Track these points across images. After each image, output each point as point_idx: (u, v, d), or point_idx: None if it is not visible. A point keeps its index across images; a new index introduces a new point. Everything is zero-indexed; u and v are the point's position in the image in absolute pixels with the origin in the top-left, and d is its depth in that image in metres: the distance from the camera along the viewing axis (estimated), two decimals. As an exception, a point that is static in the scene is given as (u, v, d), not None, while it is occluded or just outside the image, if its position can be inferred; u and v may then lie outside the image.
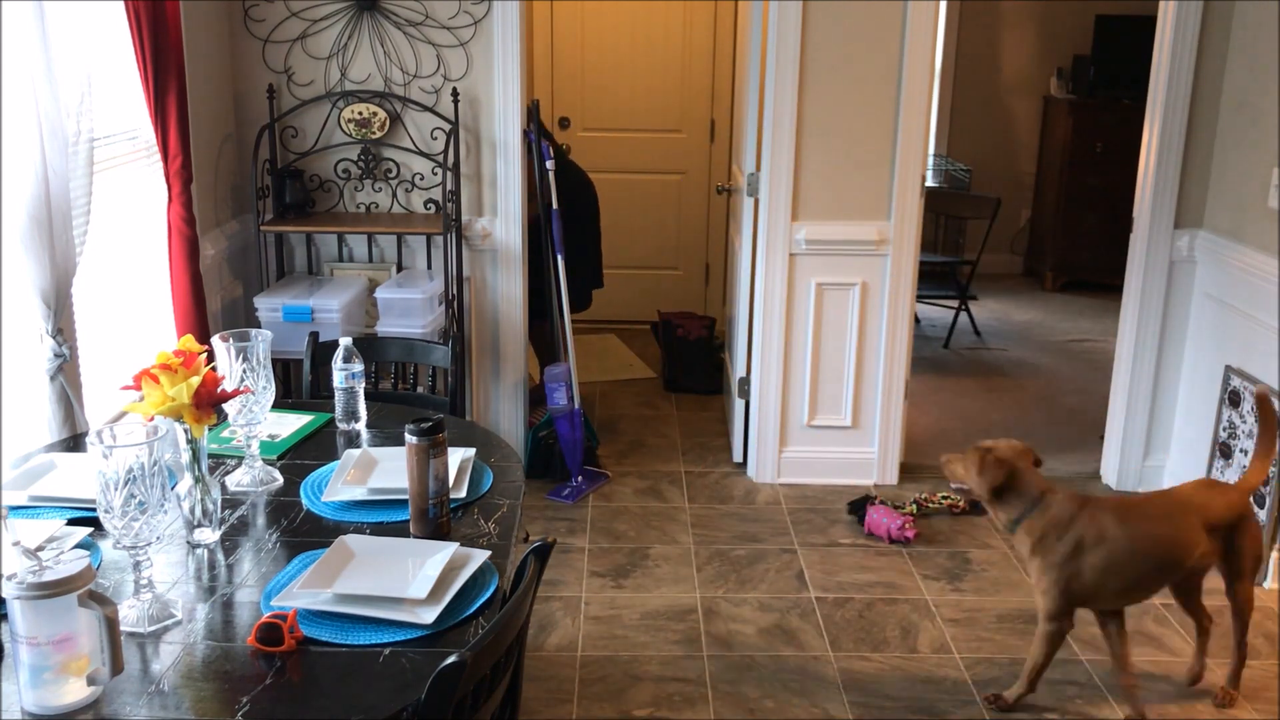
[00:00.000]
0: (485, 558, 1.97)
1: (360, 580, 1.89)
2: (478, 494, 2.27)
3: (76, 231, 2.67)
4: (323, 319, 3.69)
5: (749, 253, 4.29)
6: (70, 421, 2.67)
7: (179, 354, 2.01)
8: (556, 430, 4.19)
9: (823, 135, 4.04)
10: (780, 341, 4.21)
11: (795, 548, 3.83)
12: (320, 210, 4.08)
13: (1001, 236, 7.43)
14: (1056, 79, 7.30)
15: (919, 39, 3.94)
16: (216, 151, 3.84)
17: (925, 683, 3.08)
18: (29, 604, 1.52)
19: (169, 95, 3.17)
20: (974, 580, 3.64)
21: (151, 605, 1.79)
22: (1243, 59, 3.85)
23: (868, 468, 4.35)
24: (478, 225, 4.09)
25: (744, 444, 4.43)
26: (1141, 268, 4.13)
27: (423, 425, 2.03)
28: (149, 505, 1.74)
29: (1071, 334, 6.41)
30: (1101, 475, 4.42)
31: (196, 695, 1.62)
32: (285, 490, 2.30)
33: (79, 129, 2.67)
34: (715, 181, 6.05)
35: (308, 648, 1.73)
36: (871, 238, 4.11)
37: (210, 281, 3.63)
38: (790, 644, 3.25)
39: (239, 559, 2.02)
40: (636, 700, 2.99)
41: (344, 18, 3.93)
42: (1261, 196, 3.72)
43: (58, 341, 2.61)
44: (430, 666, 1.57)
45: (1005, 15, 7.34)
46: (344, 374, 2.58)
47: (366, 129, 3.98)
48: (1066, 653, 3.22)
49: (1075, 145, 7.05)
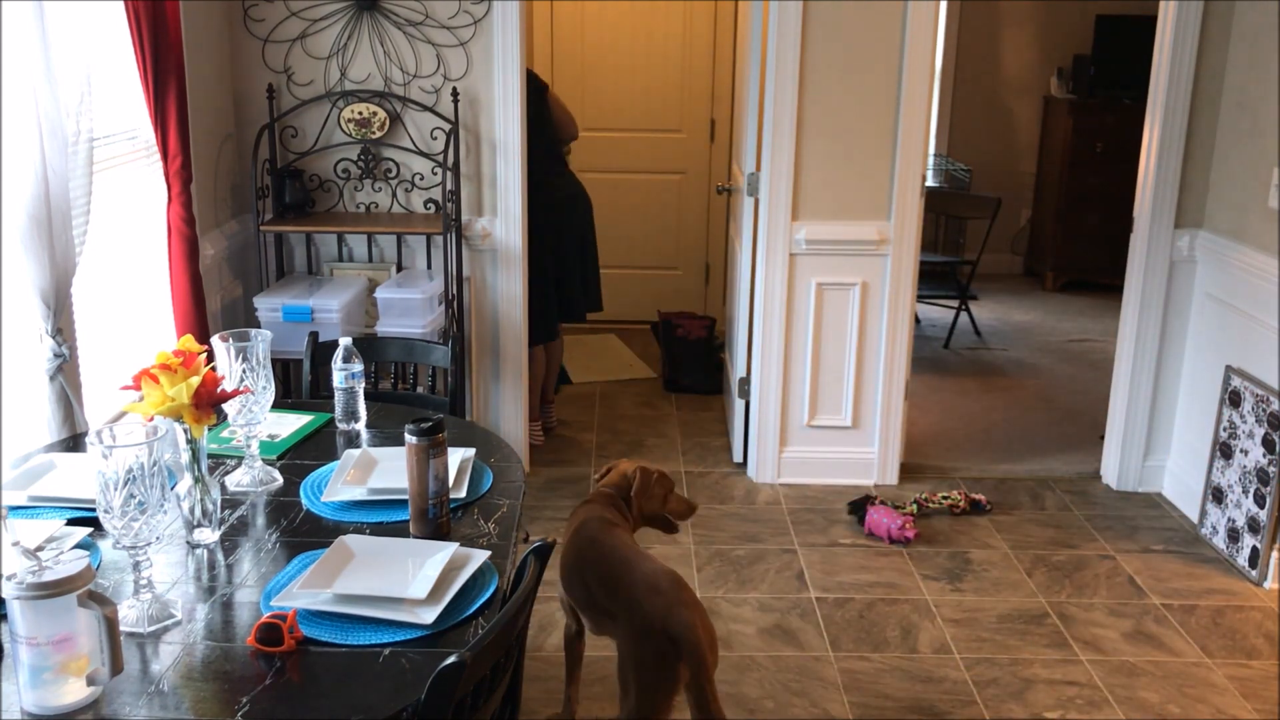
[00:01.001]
0: (485, 558, 1.97)
1: (360, 580, 1.89)
2: (478, 494, 2.27)
3: (76, 231, 2.67)
4: (322, 319, 3.69)
5: (749, 253, 4.29)
6: (70, 421, 2.66)
7: (179, 354, 2.01)
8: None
9: (823, 135, 4.04)
10: (780, 341, 4.21)
11: (795, 548, 3.83)
12: (320, 210, 4.08)
13: (1002, 236, 7.43)
14: (1056, 79, 7.30)
15: (919, 39, 3.94)
16: (216, 151, 3.84)
17: (925, 683, 3.08)
18: (29, 604, 1.51)
19: (169, 95, 3.17)
20: (974, 580, 3.63)
21: (151, 605, 1.79)
22: (1243, 59, 3.85)
23: (868, 468, 4.34)
24: (478, 225, 4.09)
25: (744, 444, 4.43)
26: (1142, 268, 4.13)
27: (423, 425, 2.03)
28: (149, 505, 1.73)
29: (1071, 334, 6.41)
30: (1101, 475, 4.42)
31: (196, 695, 1.62)
32: (285, 490, 2.29)
33: (79, 129, 2.67)
34: (715, 181, 6.05)
35: (307, 648, 1.73)
36: (872, 238, 4.11)
37: (210, 281, 3.63)
38: (790, 644, 3.25)
39: (239, 559, 2.02)
40: (636, 700, 2.99)
41: (344, 17, 3.93)
42: (1261, 196, 3.72)
43: (57, 341, 2.61)
44: (430, 666, 1.57)
45: (1005, 15, 7.34)
46: (344, 374, 2.58)
47: (366, 129, 3.98)
48: (1066, 653, 3.22)
49: (1075, 145, 7.05)
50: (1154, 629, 3.37)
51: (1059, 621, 3.39)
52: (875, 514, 3.91)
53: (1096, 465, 4.48)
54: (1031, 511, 4.14)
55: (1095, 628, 3.37)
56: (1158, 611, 3.46)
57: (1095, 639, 3.31)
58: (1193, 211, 4.06)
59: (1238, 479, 3.74)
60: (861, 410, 4.30)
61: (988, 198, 6.17)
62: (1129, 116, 6.52)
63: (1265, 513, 3.57)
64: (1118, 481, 4.33)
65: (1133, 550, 3.85)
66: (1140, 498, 4.27)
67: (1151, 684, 3.09)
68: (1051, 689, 3.06)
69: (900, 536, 3.84)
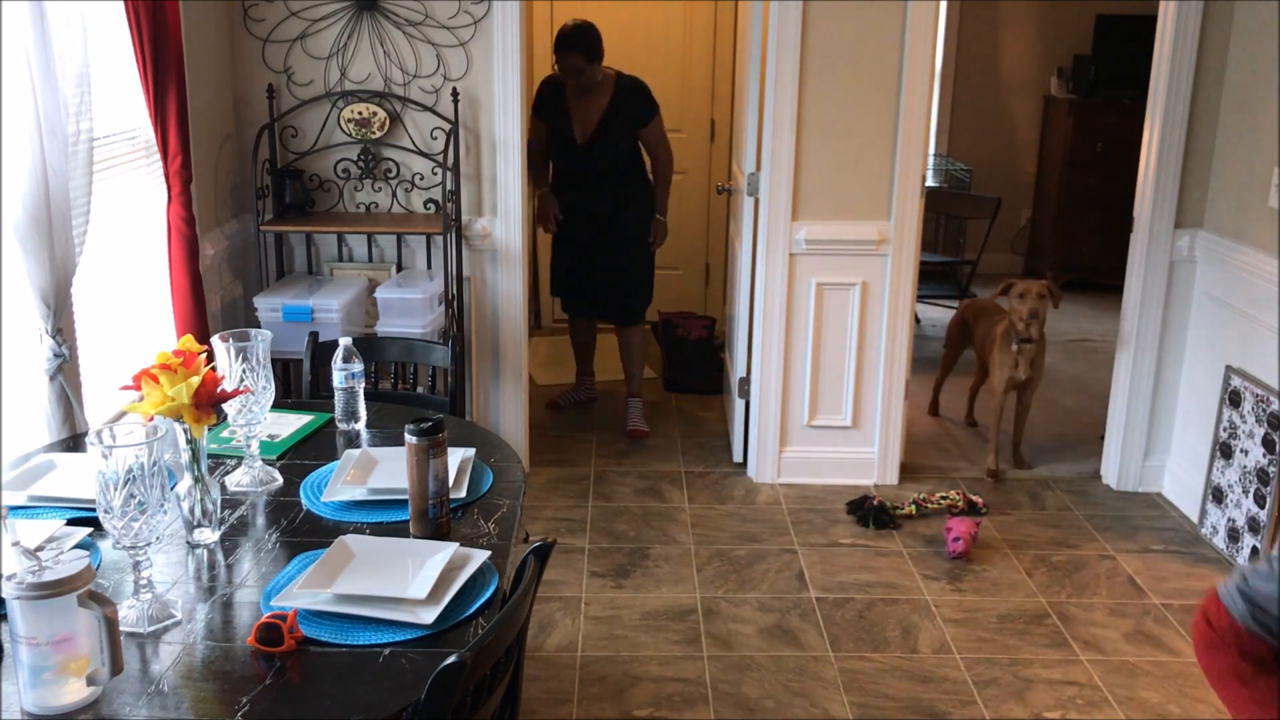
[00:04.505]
0: (485, 558, 1.97)
1: (360, 580, 1.89)
2: (478, 494, 2.27)
3: (76, 231, 2.67)
4: (322, 319, 3.69)
5: (749, 253, 4.29)
6: (70, 421, 2.66)
7: (179, 354, 2.01)
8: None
9: (823, 135, 4.04)
10: (780, 341, 4.21)
11: (795, 548, 3.83)
12: (320, 210, 4.08)
13: (1002, 236, 7.43)
14: (1056, 79, 7.30)
15: (919, 39, 3.94)
16: (216, 151, 3.84)
17: (925, 683, 3.08)
18: (29, 604, 1.51)
19: (169, 95, 3.17)
20: (974, 580, 3.63)
21: (151, 605, 1.79)
22: (1243, 59, 3.85)
23: (868, 468, 4.34)
24: (478, 225, 4.09)
25: (744, 444, 4.43)
26: (1142, 268, 4.13)
27: (423, 425, 2.03)
28: (149, 505, 1.73)
29: (1071, 334, 6.41)
30: (1102, 475, 4.42)
31: (196, 695, 1.62)
32: (285, 490, 2.30)
33: (78, 129, 2.67)
34: (715, 181, 6.05)
35: (307, 648, 1.73)
36: (872, 238, 4.11)
37: (210, 281, 3.63)
38: (790, 644, 3.25)
39: (239, 559, 2.02)
40: (636, 700, 2.99)
41: (344, 17, 3.93)
42: (1261, 196, 3.72)
43: (57, 341, 2.61)
44: (430, 666, 1.57)
45: (1005, 15, 7.34)
46: (344, 374, 2.58)
47: (366, 129, 3.98)
48: (1066, 653, 3.23)
49: (1075, 145, 7.05)
50: (1154, 629, 3.37)
51: (1059, 621, 3.39)
52: (957, 524, 3.78)
53: (1096, 465, 4.48)
54: (1031, 511, 4.14)
55: (1095, 628, 3.37)
56: (1158, 611, 3.46)
57: (1095, 639, 3.31)
58: (1193, 211, 4.06)
59: (1238, 479, 3.74)
60: (861, 410, 4.30)
61: (988, 198, 6.17)
62: (1129, 116, 6.51)
63: (1265, 513, 3.57)
64: (1118, 481, 4.33)
65: (1133, 550, 3.85)
66: (1140, 498, 4.27)
67: (1152, 684, 3.09)
68: (1051, 689, 3.06)
69: (953, 550, 3.73)
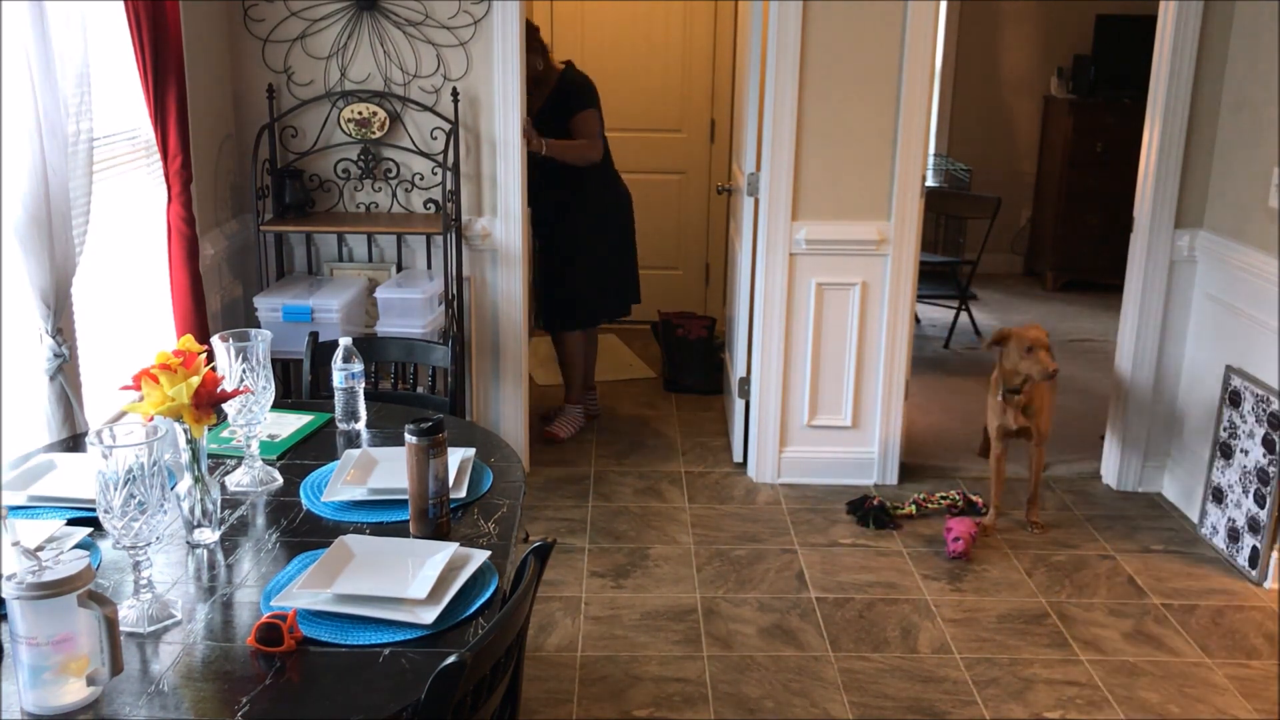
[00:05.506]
0: (485, 558, 1.97)
1: (360, 580, 1.89)
2: (478, 494, 2.27)
3: (76, 231, 2.67)
4: (322, 319, 3.69)
5: (749, 253, 4.29)
6: (70, 421, 2.66)
7: (179, 354, 2.01)
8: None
9: (823, 135, 4.04)
10: (780, 341, 4.21)
11: (795, 548, 3.83)
12: (320, 210, 4.08)
13: (1002, 236, 7.43)
14: (1056, 79, 7.30)
15: (919, 39, 3.94)
16: (216, 151, 3.84)
17: (925, 683, 3.08)
18: (29, 604, 1.51)
19: (169, 95, 3.17)
20: (974, 580, 3.63)
21: (151, 605, 1.79)
22: (1243, 59, 3.85)
23: (868, 468, 4.34)
24: (478, 225, 4.09)
25: (744, 444, 4.43)
26: (1142, 268, 4.13)
27: (422, 425, 2.03)
28: (149, 505, 1.73)
29: (1071, 334, 6.41)
30: (1102, 475, 4.42)
31: (196, 695, 1.62)
32: (285, 490, 2.30)
33: (78, 129, 2.67)
34: (715, 181, 6.05)
35: (307, 648, 1.73)
36: (872, 238, 4.11)
37: (210, 281, 3.63)
38: (790, 644, 3.25)
39: (239, 559, 2.02)
40: (636, 700, 2.99)
41: (344, 17, 3.93)
42: (1261, 196, 3.72)
43: (57, 341, 2.61)
44: (430, 667, 1.57)
45: (1005, 15, 7.34)
46: (344, 374, 2.58)
47: (366, 129, 3.98)
48: (1066, 653, 3.23)
49: (1075, 145, 7.05)
50: (1154, 629, 3.37)
51: (1059, 621, 3.39)
52: (957, 524, 3.78)
53: (1096, 465, 4.48)
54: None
55: (1095, 628, 3.37)
56: (1158, 611, 3.46)
57: (1095, 639, 3.31)
58: (1193, 211, 4.06)
59: (1238, 479, 3.74)
60: (861, 410, 4.30)
61: (988, 198, 6.17)
62: (1129, 116, 6.52)
63: (1265, 513, 3.57)
64: (1118, 481, 4.33)
65: (1133, 550, 3.85)
66: (1140, 498, 4.27)
67: (1152, 684, 3.09)
68: (1051, 689, 3.06)
69: (953, 550, 3.73)
